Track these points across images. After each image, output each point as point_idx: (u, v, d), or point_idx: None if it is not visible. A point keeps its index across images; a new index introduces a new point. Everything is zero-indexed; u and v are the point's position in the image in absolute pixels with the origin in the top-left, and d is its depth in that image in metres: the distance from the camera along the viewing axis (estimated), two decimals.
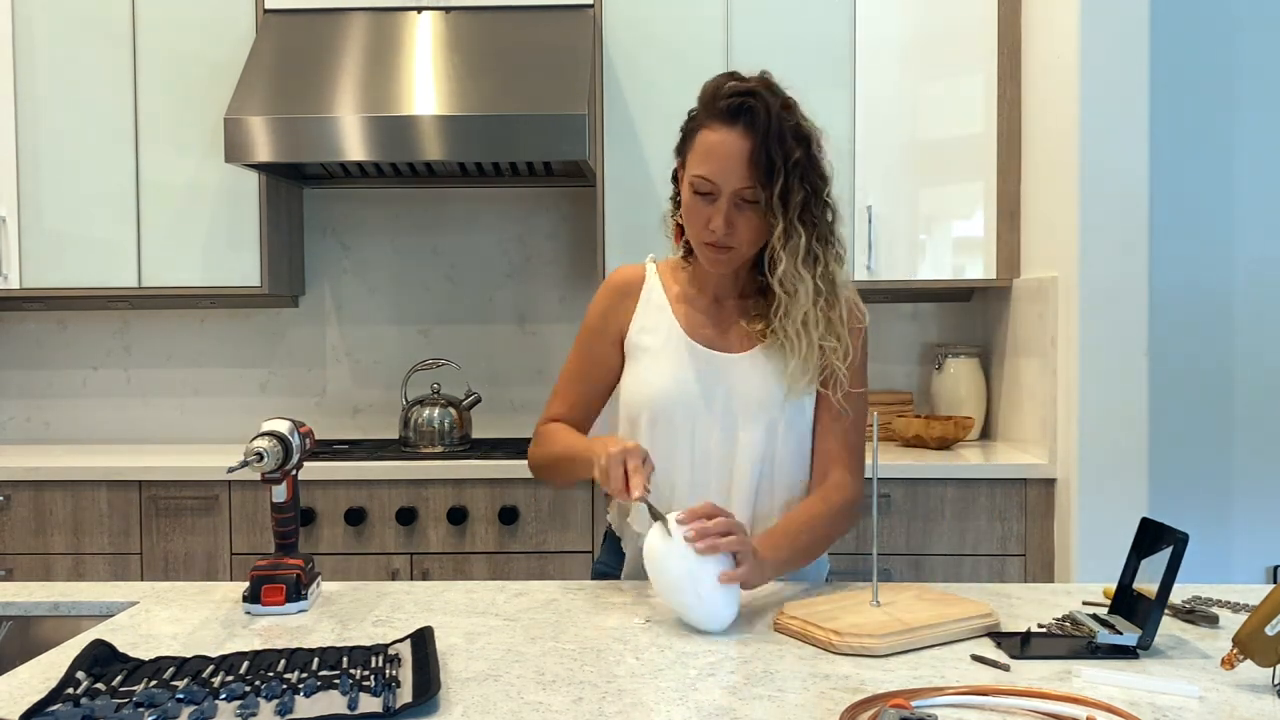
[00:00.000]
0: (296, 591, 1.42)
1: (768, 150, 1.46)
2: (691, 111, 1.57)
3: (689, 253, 1.63)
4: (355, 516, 2.78)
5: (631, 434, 1.61)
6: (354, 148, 2.78)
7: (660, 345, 1.61)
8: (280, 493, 1.46)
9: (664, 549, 1.34)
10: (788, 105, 1.50)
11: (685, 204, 1.54)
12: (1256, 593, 1.47)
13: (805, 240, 1.49)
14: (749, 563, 1.35)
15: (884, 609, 1.31)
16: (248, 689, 1.07)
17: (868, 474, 1.50)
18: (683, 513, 1.37)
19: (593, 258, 3.23)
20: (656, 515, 1.39)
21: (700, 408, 1.57)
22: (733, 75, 1.54)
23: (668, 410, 1.57)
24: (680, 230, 1.61)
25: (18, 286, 3.07)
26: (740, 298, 1.63)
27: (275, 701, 1.04)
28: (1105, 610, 1.34)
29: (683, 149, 1.56)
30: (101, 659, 1.16)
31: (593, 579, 1.72)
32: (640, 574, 1.54)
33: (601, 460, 1.43)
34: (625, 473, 1.41)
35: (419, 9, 3.02)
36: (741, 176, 1.47)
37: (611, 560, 1.73)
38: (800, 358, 1.53)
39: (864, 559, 2.74)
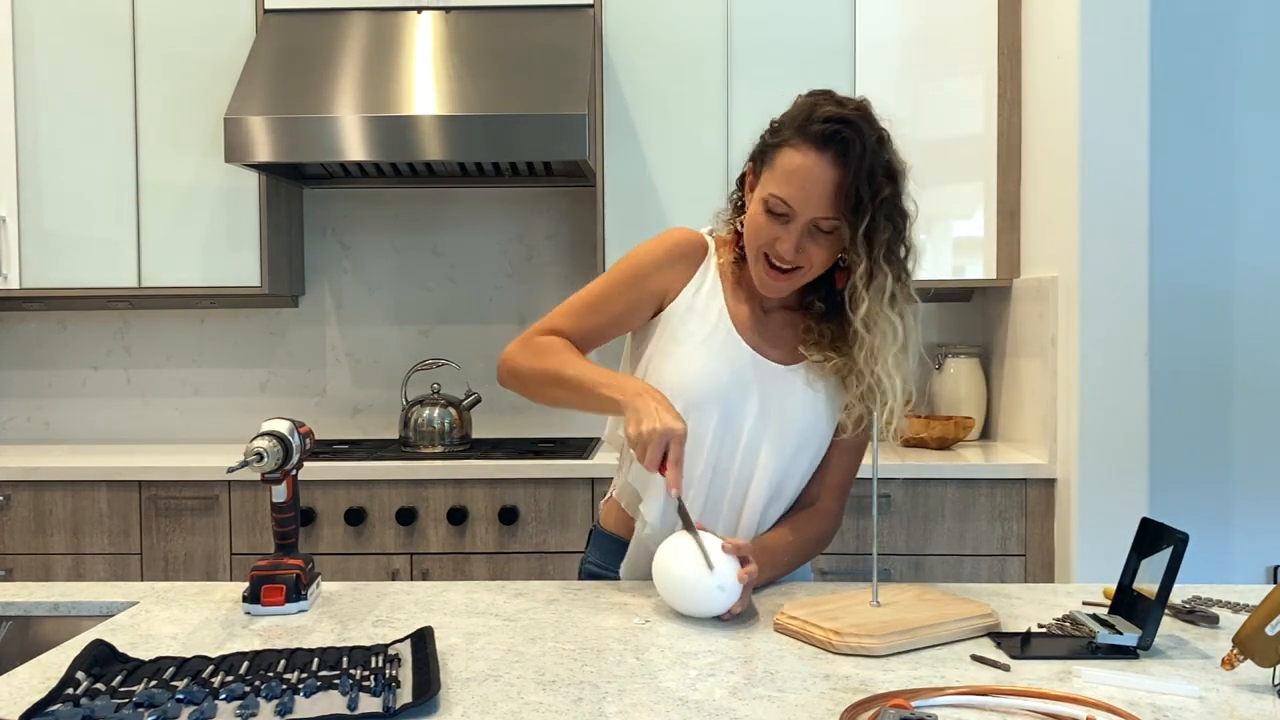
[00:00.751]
0: (296, 591, 1.42)
1: (858, 185, 1.39)
2: (775, 123, 1.49)
3: (739, 259, 1.56)
4: (355, 516, 2.78)
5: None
6: (354, 148, 2.78)
7: (708, 333, 1.53)
8: (280, 493, 1.46)
9: (687, 558, 1.35)
10: (882, 139, 1.43)
11: (752, 218, 1.47)
12: (1256, 593, 1.47)
13: (889, 280, 1.43)
14: (754, 564, 1.38)
15: (884, 609, 1.31)
16: (248, 689, 1.07)
17: (867, 474, 1.50)
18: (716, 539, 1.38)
19: (593, 258, 3.23)
20: (687, 522, 1.38)
21: (736, 410, 1.52)
22: (830, 95, 1.46)
23: (705, 404, 1.51)
24: (738, 236, 1.54)
25: (18, 286, 3.07)
26: (786, 309, 1.57)
27: (275, 702, 1.04)
28: (1105, 610, 1.34)
29: (760, 161, 1.48)
30: (101, 659, 1.16)
31: (582, 579, 1.69)
32: (643, 564, 1.54)
33: (642, 426, 1.36)
34: (665, 457, 1.36)
35: (419, 9, 3.02)
36: (824, 207, 1.41)
37: (603, 560, 1.67)
38: (892, 401, 1.47)
39: (864, 559, 2.74)
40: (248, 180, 3.06)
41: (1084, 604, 1.44)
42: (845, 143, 1.39)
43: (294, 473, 1.46)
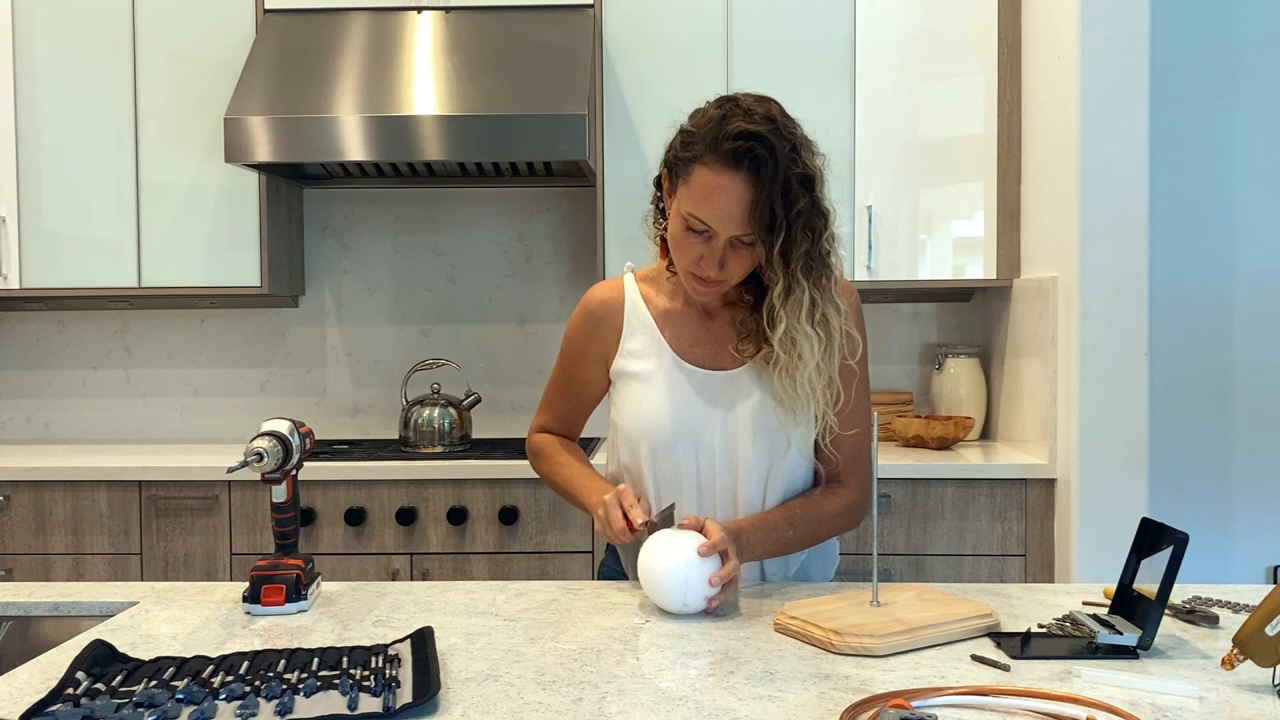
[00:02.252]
0: (296, 591, 1.42)
1: (771, 204, 1.38)
2: (685, 133, 1.46)
3: (672, 265, 1.56)
4: (355, 516, 2.78)
5: (633, 459, 1.59)
6: (354, 148, 2.78)
7: (652, 370, 1.56)
8: (280, 493, 1.46)
9: (662, 553, 1.38)
10: (795, 146, 1.41)
11: (674, 235, 1.47)
12: (1256, 593, 1.47)
13: (807, 293, 1.43)
14: (734, 559, 1.40)
15: (884, 609, 1.31)
16: (248, 689, 1.07)
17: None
18: (685, 521, 1.43)
19: (593, 258, 3.23)
20: (666, 523, 1.44)
21: (701, 432, 1.54)
22: (737, 105, 1.43)
23: (668, 439, 1.54)
24: (665, 244, 1.54)
25: (18, 286, 3.07)
26: (727, 305, 1.58)
27: (275, 702, 1.04)
28: (1105, 610, 1.34)
29: (675, 173, 1.46)
30: (101, 659, 1.16)
31: (599, 578, 1.73)
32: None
33: (597, 514, 1.49)
34: (623, 513, 1.45)
35: (419, 9, 3.02)
36: (740, 225, 1.40)
37: (617, 563, 1.73)
38: (804, 412, 1.50)
39: (864, 559, 2.74)
40: (248, 180, 3.06)
41: (1084, 604, 1.44)
42: (757, 160, 1.37)
43: (294, 473, 1.46)
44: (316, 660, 1.16)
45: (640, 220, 3.13)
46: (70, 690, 1.08)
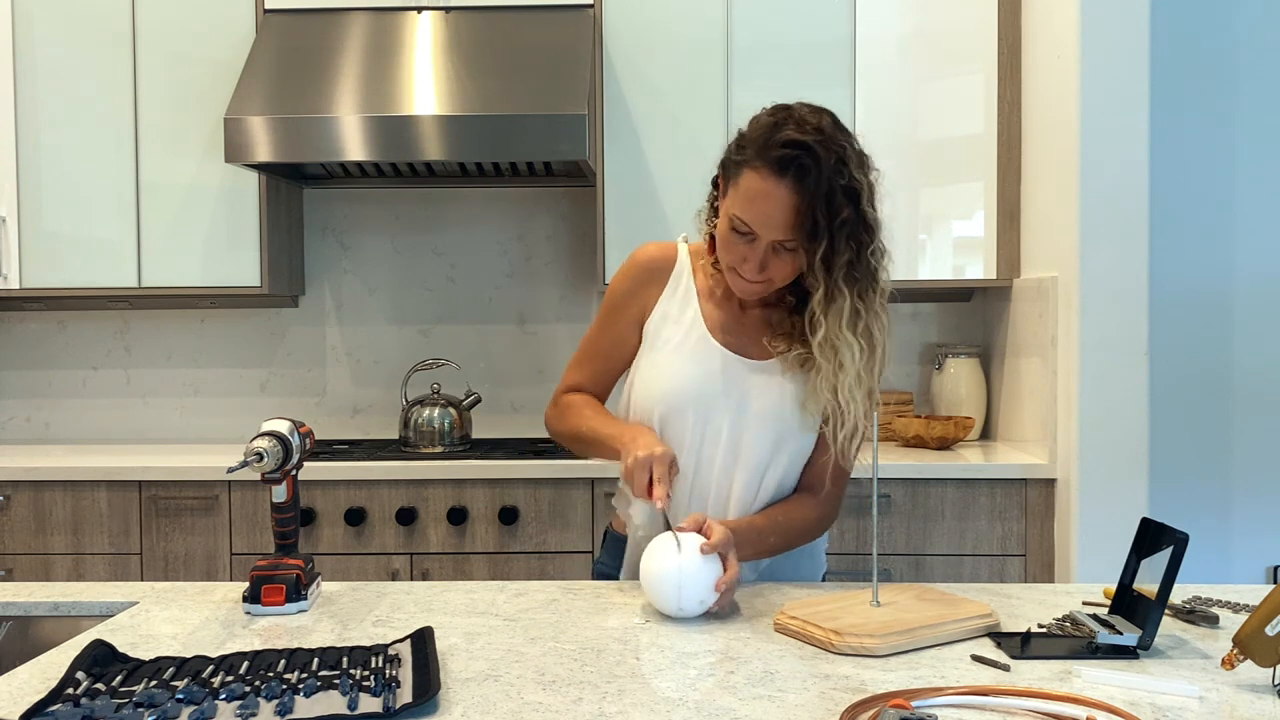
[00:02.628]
0: (296, 591, 1.42)
1: (814, 212, 1.41)
2: (738, 139, 1.50)
3: (713, 251, 1.59)
4: (355, 516, 2.78)
5: (640, 423, 1.60)
6: (354, 148, 2.78)
7: (681, 339, 1.58)
8: (280, 493, 1.46)
9: (662, 556, 1.38)
10: (843, 159, 1.43)
11: (721, 233, 1.50)
12: (1256, 593, 1.47)
13: (849, 302, 1.45)
14: (735, 564, 1.41)
15: (884, 609, 1.31)
16: (248, 689, 1.07)
17: (867, 474, 1.50)
18: (686, 522, 1.42)
19: (593, 258, 3.23)
20: (669, 525, 1.42)
21: (714, 410, 1.55)
22: (790, 114, 1.45)
23: (680, 407, 1.55)
24: (714, 241, 1.56)
25: (18, 286, 3.07)
26: (764, 306, 1.60)
27: (275, 702, 1.04)
28: (1105, 610, 1.34)
29: (727, 174, 1.50)
30: (101, 659, 1.16)
31: (593, 579, 1.73)
32: (636, 564, 1.56)
33: (628, 460, 1.45)
34: (650, 478, 1.44)
35: (419, 9, 3.02)
36: (783, 230, 1.43)
37: (612, 561, 1.73)
38: (850, 423, 1.50)
39: (864, 559, 2.74)
40: (248, 180, 3.06)
41: (1084, 604, 1.45)
42: (802, 169, 1.40)
43: (294, 473, 1.46)
44: (316, 660, 1.16)
45: (639, 219, 3.14)
46: (70, 690, 1.08)
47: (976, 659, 1.20)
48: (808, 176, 1.40)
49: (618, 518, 1.73)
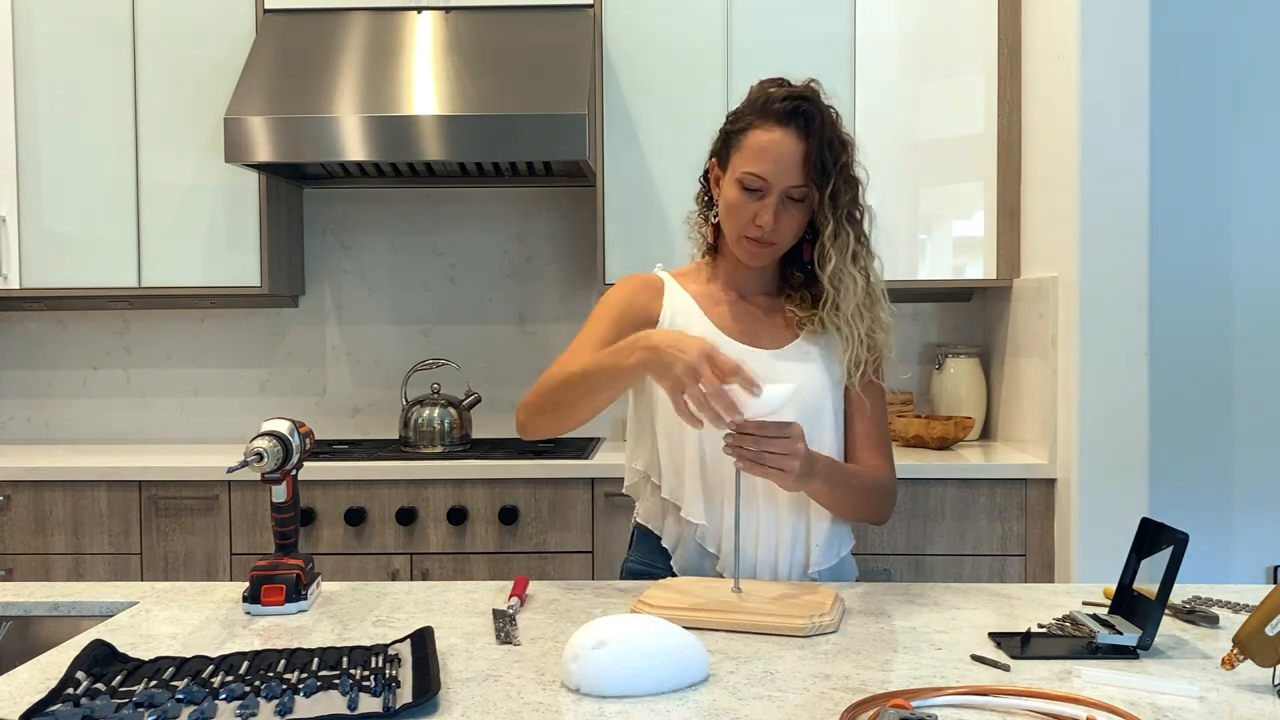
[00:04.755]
0: (296, 591, 1.42)
1: (821, 153, 1.53)
2: (733, 114, 1.62)
3: (712, 252, 1.69)
4: (355, 516, 2.78)
5: (675, 443, 1.59)
6: (354, 148, 2.78)
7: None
8: (280, 493, 1.46)
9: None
10: (835, 113, 1.58)
11: (729, 200, 1.58)
12: (1256, 593, 1.47)
13: (853, 240, 1.58)
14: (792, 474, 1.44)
15: (739, 595, 1.38)
16: (248, 689, 1.07)
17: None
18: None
19: (593, 258, 3.23)
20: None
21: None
22: (780, 81, 1.60)
23: None
24: (716, 230, 1.65)
25: (18, 286, 3.07)
26: (765, 295, 1.68)
27: (275, 702, 1.04)
28: (1105, 610, 1.34)
29: (725, 149, 1.61)
30: (101, 659, 1.16)
31: (624, 578, 1.70)
32: (694, 558, 1.62)
33: (676, 369, 1.36)
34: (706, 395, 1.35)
35: (419, 9, 3.02)
36: (795, 175, 1.53)
37: (647, 557, 1.67)
38: (853, 349, 1.59)
39: (865, 559, 2.73)
40: (248, 180, 3.06)
41: (1084, 604, 1.45)
42: (806, 116, 1.54)
43: (294, 473, 1.46)
44: (316, 660, 1.16)
45: (639, 219, 3.14)
46: (70, 690, 1.08)
47: (976, 659, 1.20)
48: (812, 122, 1.53)
49: (649, 511, 1.67)
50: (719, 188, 1.62)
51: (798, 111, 1.53)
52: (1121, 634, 1.23)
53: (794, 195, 1.55)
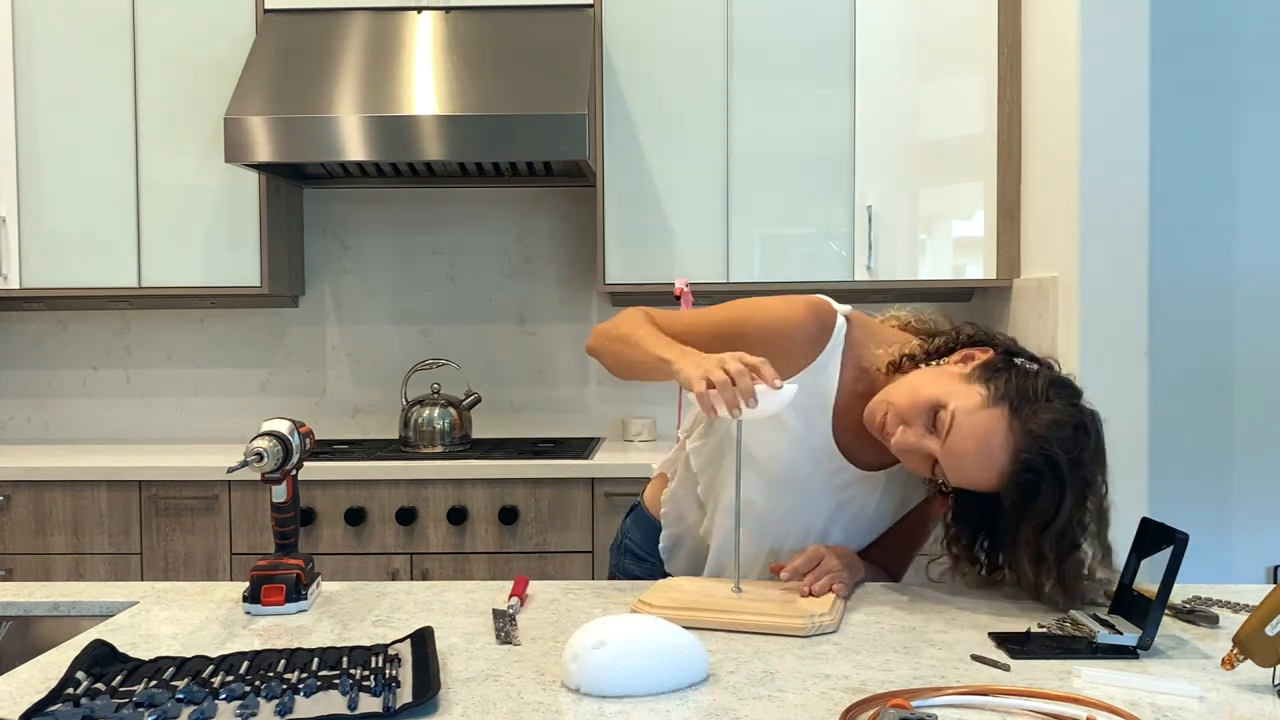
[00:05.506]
0: (296, 591, 1.42)
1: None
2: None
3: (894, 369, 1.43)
4: (355, 516, 2.78)
5: (717, 467, 1.52)
6: (354, 148, 2.78)
7: (804, 433, 1.44)
8: (280, 493, 1.46)
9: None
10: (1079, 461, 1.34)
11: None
12: (1256, 593, 1.47)
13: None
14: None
15: (741, 595, 1.38)
16: (248, 689, 1.07)
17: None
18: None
19: (593, 258, 3.23)
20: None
21: (814, 501, 1.49)
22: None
23: (781, 486, 1.48)
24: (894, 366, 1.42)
25: (18, 286, 3.08)
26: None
27: (275, 701, 1.04)
28: (1105, 610, 1.34)
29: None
30: (101, 659, 1.16)
31: (620, 553, 1.70)
32: (699, 556, 1.61)
33: (708, 363, 1.28)
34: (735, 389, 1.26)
35: (419, 9, 3.02)
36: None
37: (644, 542, 1.65)
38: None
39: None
40: (248, 180, 3.06)
41: (1084, 604, 1.44)
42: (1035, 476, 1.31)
43: (294, 473, 1.46)
44: (316, 660, 1.16)
45: (639, 219, 3.13)
46: (70, 690, 1.08)
47: (976, 659, 1.20)
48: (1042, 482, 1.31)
49: (655, 495, 1.66)
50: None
51: (1029, 467, 1.31)
52: (1121, 634, 1.23)
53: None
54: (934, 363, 1.41)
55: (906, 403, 1.34)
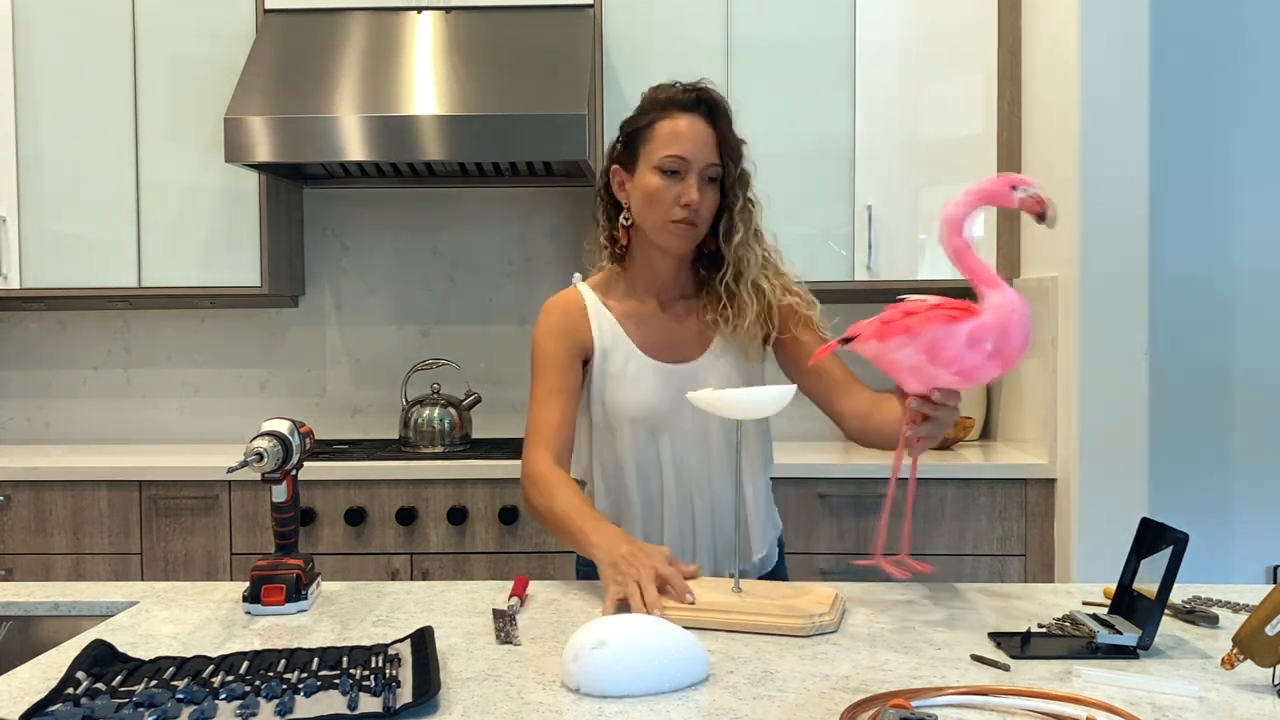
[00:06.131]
0: (296, 591, 1.42)
1: (727, 138, 1.64)
2: (628, 120, 1.71)
3: (618, 260, 1.73)
4: (355, 516, 2.78)
5: (612, 441, 1.69)
6: (354, 148, 2.78)
7: (622, 368, 1.67)
8: (280, 493, 1.46)
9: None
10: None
11: (649, 189, 1.62)
12: (1256, 593, 1.47)
13: (756, 217, 1.67)
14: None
15: (740, 595, 1.38)
16: (248, 689, 1.07)
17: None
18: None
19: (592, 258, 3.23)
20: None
21: (674, 421, 1.65)
22: (674, 83, 1.70)
23: (645, 423, 1.66)
24: (612, 241, 1.71)
25: (18, 286, 3.08)
26: (683, 298, 1.71)
27: (275, 701, 1.04)
28: (1105, 610, 1.34)
29: (630, 148, 1.67)
30: (101, 659, 1.16)
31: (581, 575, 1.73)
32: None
33: (615, 582, 1.38)
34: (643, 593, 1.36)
35: (419, 9, 3.02)
36: (711, 154, 1.62)
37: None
38: (751, 316, 1.64)
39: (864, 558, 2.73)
40: (248, 180, 3.06)
41: (1084, 604, 1.45)
42: (711, 102, 1.64)
43: (294, 473, 1.46)
44: (316, 660, 1.16)
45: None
46: (70, 690, 1.08)
47: (976, 659, 1.20)
48: (716, 108, 1.64)
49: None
50: (626, 190, 1.67)
51: (700, 100, 1.63)
52: (1121, 634, 1.23)
53: (710, 175, 1.62)
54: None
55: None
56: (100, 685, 1.09)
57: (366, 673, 1.12)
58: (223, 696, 1.06)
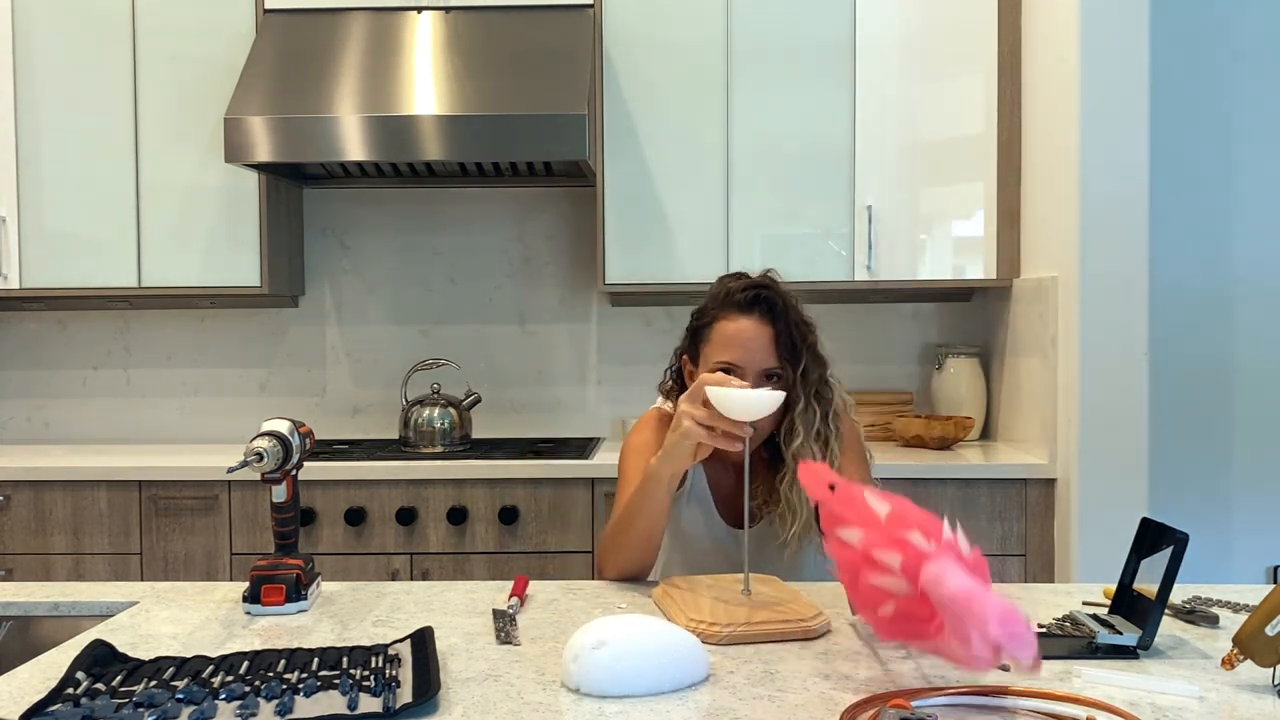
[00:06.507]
0: (296, 591, 1.42)
1: (789, 336, 1.62)
2: (697, 311, 1.70)
3: None
4: (355, 516, 2.78)
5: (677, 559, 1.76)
6: (354, 148, 2.78)
7: (703, 525, 1.72)
8: (280, 493, 1.46)
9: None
10: (794, 297, 1.67)
11: None
12: (1256, 593, 1.47)
13: (820, 416, 1.65)
14: None
15: (751, 599, 1.38)
16: (248, 689, 1.07)
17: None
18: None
19: (593, 258, 3.23)
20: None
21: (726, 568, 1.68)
22: (739, 274, 1.70)
23: (703, 567, 1.70)
24: None
25: (18, 286, 3.07)
26: (736, 465, 1.70)
27: (275, 702, 1.04)
28: (1105, 610, 1.34)
29: (695, 344, 1.69)
30: (101, 659, 1.16)
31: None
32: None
33: (685, 425, 1.43)
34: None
35: (419, 9, 3.02)
36: (768, 358, 1.62)
37: None
38: (799, 525, 1.65)
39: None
40: (248, 180, 3.06)
41: (1084, 604, 1.45)
42: (768, 303, 1.63)
43: (294, 473, 1.46)
44: (316, 660, 1.16)
45: (639, 219, 3.14)
46: (70, 690, 1.08)
47: None
48: (775, 307, 1.63)
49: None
50: (696, 373, 1.68)
51: (759, 299, 1.63)
52: (1121, 634, 1.23)
53: (769, 375, 1.62)
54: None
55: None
56: (100, 685, 1.09)
57: (366, 673, 1.12)
58: (223, 697, 1.06)
